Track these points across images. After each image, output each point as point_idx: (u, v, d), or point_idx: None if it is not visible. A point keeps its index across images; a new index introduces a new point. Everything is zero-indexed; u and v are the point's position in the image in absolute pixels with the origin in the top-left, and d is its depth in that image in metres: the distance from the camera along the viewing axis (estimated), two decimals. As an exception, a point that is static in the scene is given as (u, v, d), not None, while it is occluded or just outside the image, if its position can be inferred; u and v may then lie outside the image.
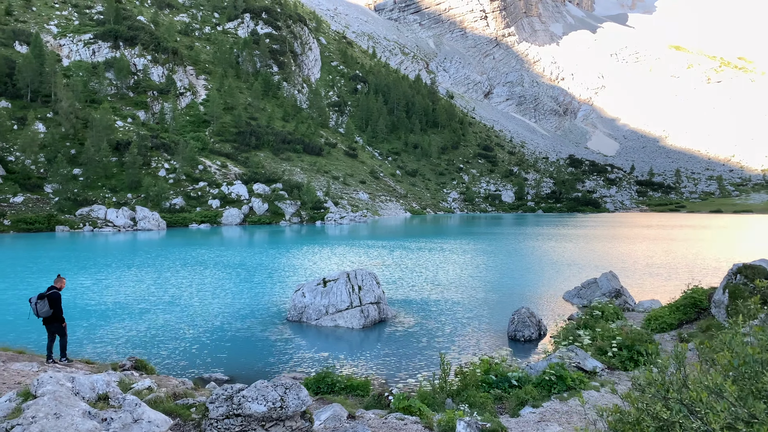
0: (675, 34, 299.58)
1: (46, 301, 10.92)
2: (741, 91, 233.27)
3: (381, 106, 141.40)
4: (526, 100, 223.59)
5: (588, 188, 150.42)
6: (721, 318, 11.33)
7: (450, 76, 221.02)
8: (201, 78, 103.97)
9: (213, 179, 75.07)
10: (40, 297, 10.93)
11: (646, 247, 46.44)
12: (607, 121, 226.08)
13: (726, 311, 10.99)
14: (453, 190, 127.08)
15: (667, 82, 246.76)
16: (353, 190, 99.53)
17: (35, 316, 11.08)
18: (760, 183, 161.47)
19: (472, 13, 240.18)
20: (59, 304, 11.11)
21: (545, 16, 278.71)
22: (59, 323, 11.13)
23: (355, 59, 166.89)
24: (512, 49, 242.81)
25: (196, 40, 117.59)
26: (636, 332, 10.56)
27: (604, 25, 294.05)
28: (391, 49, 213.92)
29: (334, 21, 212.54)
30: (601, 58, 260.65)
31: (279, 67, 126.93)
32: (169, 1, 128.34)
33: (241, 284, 25.87)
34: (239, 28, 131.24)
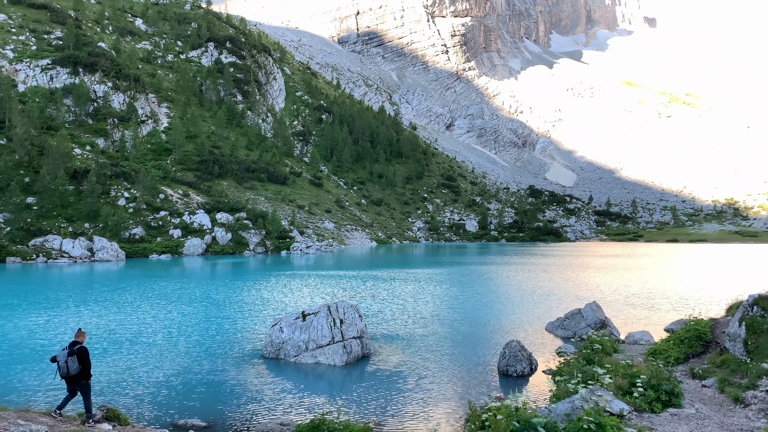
0: (627, 71, 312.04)
1: (75, 357, 10.01)
2: (689, 126, 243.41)
3: (346, 135, 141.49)
4: (486, 132, 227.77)
5: (548, 218, 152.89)
6: (738, 353, 10.88)
7: (413, 108, 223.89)
8: (163, 106, 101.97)
9: (174, 208, 72.86)
10: (70, 354, 10.04)
11: (619, 276, 46.73)
12: (565, 153, 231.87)
13: (744, 346, 10.57)
14: (418, 219, 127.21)
15: (620, 117, 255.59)
16: (319, 219, 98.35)
17: (62, 375, 10.09)
18: (711, 213, 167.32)
19: (433, 48, 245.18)
20: (88, 359, 10.22)
21: (504, 52, 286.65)
22: (86, 380, 10.20)
23: (319, 90, 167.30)
24: (473, 83, 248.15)
25: (159, 68, 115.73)
26: (655, 369, 9.97)
27: (560, 61, 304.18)
28: (354, 80, 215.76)
29: (299, 52, 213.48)
30: (558, 93, 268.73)
31: (243, 96, 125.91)
32: (131, 28, 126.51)
33: (208, 319, 24.44)
34: (203, 56, 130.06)
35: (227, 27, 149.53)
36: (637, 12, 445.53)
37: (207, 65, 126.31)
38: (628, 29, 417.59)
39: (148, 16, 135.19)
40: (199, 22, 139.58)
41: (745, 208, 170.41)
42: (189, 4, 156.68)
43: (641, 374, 9.67)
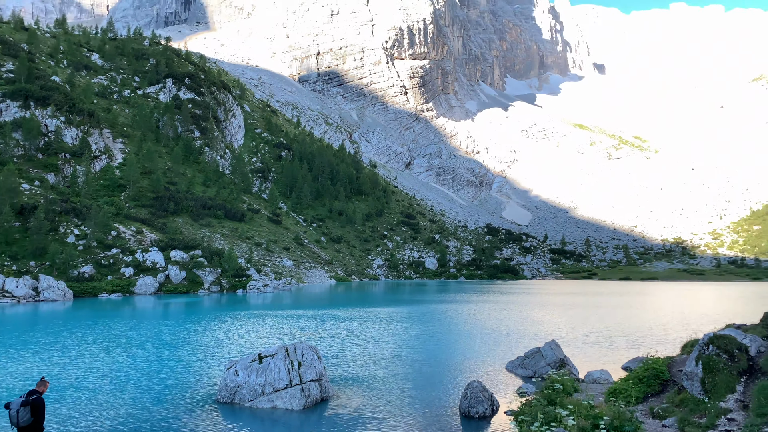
0: (578, 114, 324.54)
1: (29, 408, 9.27)
2: (638, 167, 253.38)
3: (305, 173, 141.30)
4: (444, 171, 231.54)
5: (506, 256, 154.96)
6: (695, 392, 10.98)
7: (373, 146, 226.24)
8: (118, 141, 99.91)
9: (127, 246, 70.63)
10: (23, 404, 9.28)
11: (576, 314, 47.33)
12: (520, 192, 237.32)
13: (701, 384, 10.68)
14: (378, 256, 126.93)
15: (573, 158, 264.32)
16: (277, 257, 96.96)
17: (12, 424, 9.32)
18: (660, 252, 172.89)
19: (393, 89, 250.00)
20: (42, 412, 9.48)
21: (461, 94, 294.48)
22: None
23: (279, 127, 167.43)
24: (431, 123, 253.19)
25: (115, 103, 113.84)
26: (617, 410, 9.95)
27: (514, 104, 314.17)
28: (315, 118, 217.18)
29: (259, 90, 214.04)
30: (513, 134, 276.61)
31: (201, 132, 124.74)
32: (87, 62, 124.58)
33: (160, 362, 23.40)
34: (161, 92, 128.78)
35: (186, 64, 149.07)
36: (587, 59, 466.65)
37: (165, 101, 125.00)
38: (579, 74, 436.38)
39: (104, 51, 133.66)
40: (158, 58, 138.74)
41: (693, 246, 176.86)
42: (147, 41, 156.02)
43: (604, 415, 9.63)
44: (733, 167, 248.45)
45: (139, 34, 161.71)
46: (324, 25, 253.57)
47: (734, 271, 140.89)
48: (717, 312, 49.03)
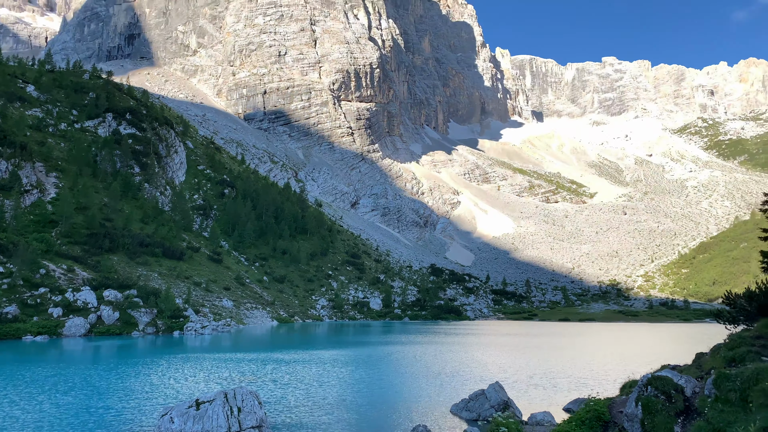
0: (518, 158, 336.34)
1: None
2: (575, 211, 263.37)
3: (249, 210, 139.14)
4: (390, 212, 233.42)
5: (449, 296, 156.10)
6: (636, 432, 11.19)
7: (319, 185, 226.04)
8: (51, 175, 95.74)
9: (56, 285, 66.93)
10: None
11: (519, 355, 47.83)
12: (463, 234, 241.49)
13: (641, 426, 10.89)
14: (322, 296, 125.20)
15: (513, 200, 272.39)
16: (216, 297, 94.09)
17: None
18: (597, 293, 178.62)
19: (339, 129, 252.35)
20: None
21: (406, 137, 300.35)
22: None
23: (223, 164, 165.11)
24: (377, 164, 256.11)
25: (50, 136, 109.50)
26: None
27: (457, 148, 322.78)
28: (260, 156, 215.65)
29: (203, 127, 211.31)
30: (456, 176, 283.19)
31: (141, 168, 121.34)
32: (22, 94, 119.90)
33: (88, 410, 21.95)
34: (100, 126, 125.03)
35: (128, 98, 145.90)
36: (526, 106, 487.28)
37: (104, 135, 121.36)
38: (519, 121, 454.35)
39: (41, 83, 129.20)
40: (98, 92, 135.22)
41: (627, 288, 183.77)
42: (88, 74, 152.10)
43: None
44: (662, 213, 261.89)
45: (78, 67, 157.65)
46: (272, 65, 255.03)
47: (665, 312, 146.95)
48: (652, 352, 50.75)
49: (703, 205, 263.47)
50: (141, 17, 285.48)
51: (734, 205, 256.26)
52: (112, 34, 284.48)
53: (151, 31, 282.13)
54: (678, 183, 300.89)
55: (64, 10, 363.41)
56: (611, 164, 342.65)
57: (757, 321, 15.32)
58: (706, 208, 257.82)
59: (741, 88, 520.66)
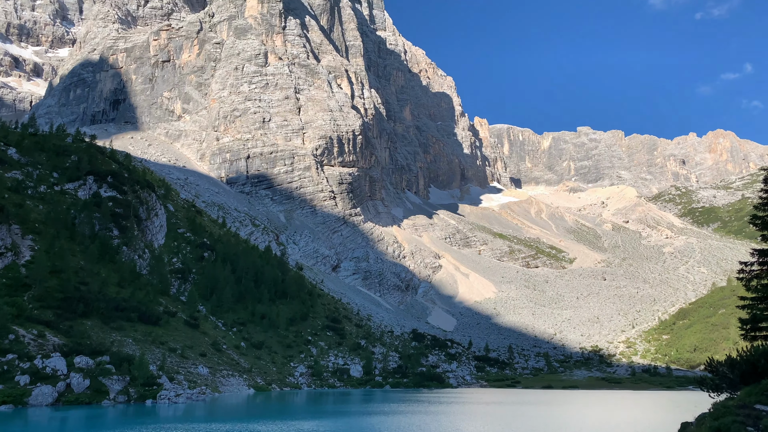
0: (498, 223, 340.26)
1: None
2: (555, 276, 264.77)
3: (228, 274, 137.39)
4: (371, 275, 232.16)
5: (432, 363, 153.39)
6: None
7: (300, 248, 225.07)
8: (27, 238, 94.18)
9: (25, 351, 64.51)
10: None
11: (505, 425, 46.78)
12: (445, 298, 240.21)
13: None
14: (301, 363, 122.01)
15: (494, 265, 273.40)
16: (192, 363, 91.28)
17: None
18: (579, 360, 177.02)
19: (322, 193, 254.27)
20: None
21: (388, 201, 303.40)
22: None
23: (203, 227, 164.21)
24: (358, 228, 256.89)
25: (29, 198, 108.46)
26: None
27: (438, 213, 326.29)
28: (241, 220, 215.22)
29: (184, 190, 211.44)
30: (437, 241, 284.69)
31: (120, 231, 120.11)
32: (2, 156, 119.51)
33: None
34: (80, 189, 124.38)
35: (110, 162, 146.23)
36: (504, 173, 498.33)
37: (84, 198, 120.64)
38: (498, 187, 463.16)
39: (23, 145, 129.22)
40: (80, 155, 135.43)
41: (609, 355, 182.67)
42: (71, 137, 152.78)
43: None
44: (640, 278, 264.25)
45: (62, 130, 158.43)
46: (256, 130, 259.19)
47: (648, 379, 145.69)
48: (638, 422, 49.98)
49: (680, 271, 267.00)
50: (127, 83, 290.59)
51: (710, 271, 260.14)
52: (97, 99, 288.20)
53: (136, 96, 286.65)
54: (655, 249, 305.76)
55: (51, 75, 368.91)
56: (589, 230, 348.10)
57: (740, 389, 15.28)
58: (684, 274, 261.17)
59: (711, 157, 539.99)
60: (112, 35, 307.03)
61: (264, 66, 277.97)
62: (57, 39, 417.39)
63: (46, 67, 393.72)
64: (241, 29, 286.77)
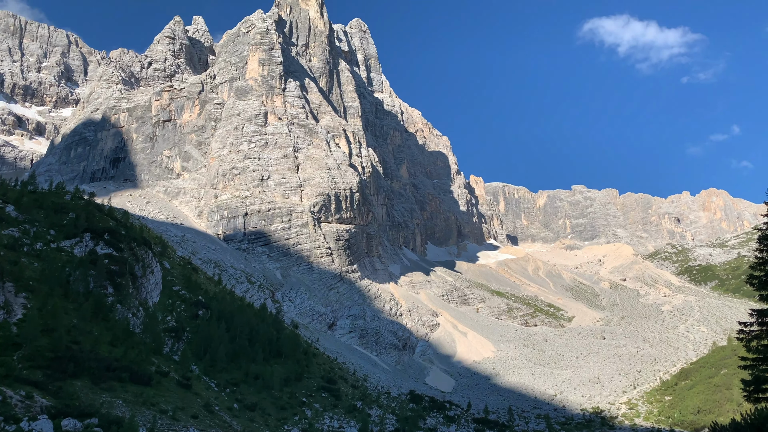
0: (495, 281, 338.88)
1: None
2: (554, 335, 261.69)
3: (223, 333, 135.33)
4: (368, 334, 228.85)
5: (430, 425, 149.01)
6: None
7: (296, 306, 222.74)
8: (21, 296, 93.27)
9: (12, 413, 62.71)
10: None
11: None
12: (443, 358, 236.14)
13: None
14: (295, 426, 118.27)
15: (492, 323, 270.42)
16: (183, 426, 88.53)
17: None
18: (581, 422, 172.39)
19: (318, 250, 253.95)
20: None
21: (385, 257, 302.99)
22: None
23: (199, 285, 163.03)
24: (355, 285, 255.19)
25: (24, 256, 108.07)
26: None
27: (436, 269, 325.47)
28: (237, 277, 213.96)
29: (181, 247, 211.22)
30: (435, 298, 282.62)
31: (115, 288, 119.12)
32: (0, 214, 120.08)
33: None
34: (76, 246, 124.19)
35: (108, 219, 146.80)
36: (501, 230, 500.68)
37: (80, 255, 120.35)
38: (495, 244, 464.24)
39: (21, 203, 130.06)
40: (78, 212, 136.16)
41: (611, 417, 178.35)
42: (69, 195, 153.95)
43: None
44: (640, 337, 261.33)
45: (61, 188, 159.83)
46: (254, 188, 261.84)
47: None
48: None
49: (680, 330, 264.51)
50: (128, 142, 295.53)
51: (710, 330, 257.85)
52: (97, 158, 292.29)
53: (136, 155, 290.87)
54: (653, 308, 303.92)
55: (53, 134, 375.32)
56: (587, 288, 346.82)
57: (744, 453, 14.97)
58: (684, 333, 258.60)
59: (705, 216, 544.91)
60: (115, 95, 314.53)
61: (264, 126, 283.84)
62: (61, 99, 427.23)
63: (48, 126, 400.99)
64: (242, 90, 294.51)
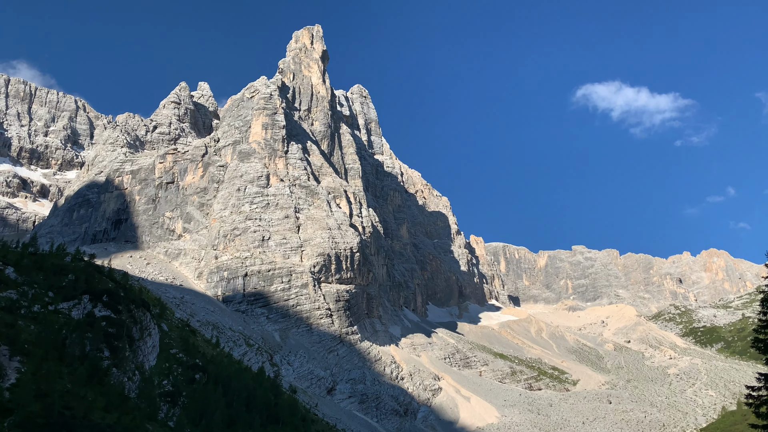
0: (498, 343, 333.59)
1: None
2: (559, 400, 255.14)
3: (219, 397, 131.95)
4: (368, 398, 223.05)
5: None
6: None
7: (294, 369, 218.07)
8: (15, 359, 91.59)
9: (-2, 484, 60.58)
10: None
11: None
12: (446, 424, 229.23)
13: None
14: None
15: (495, 387, 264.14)
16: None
17: None
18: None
19: (318, 311, 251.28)
20: None
21: (385, 319, 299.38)
22: None
23: (197, 348, 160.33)
24: (355, 347, 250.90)
25: (21, 318, 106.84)
26: None
27: (437, 331, 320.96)
28: (235, 339, 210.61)
29: (180, 309, 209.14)
30: (437, 361, 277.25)
31: (111, 351, 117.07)
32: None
33: None
34: (74, 309, 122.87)
35: (107, 280, 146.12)
36: (502, 291, 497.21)
37: (77, 317, 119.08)
38: (496, 305, 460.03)
39: (21, 264, 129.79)
40: (78, 273, 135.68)
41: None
42: (69, 256, 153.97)
43: None
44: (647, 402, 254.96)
45: (62, 249, 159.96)
46: (255, 249, 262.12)
47: None
48: None
49: (687, 393, 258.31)
50: (130, 203, 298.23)
51: (719, 394, 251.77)
52: (99, 219, 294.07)
53: (138, 216, 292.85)
54: (659, 370, 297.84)
55: (57, 196, 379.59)
56: (591, 350, 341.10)
57: None
58: (692, 397, 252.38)
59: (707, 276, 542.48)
60: (120, 158, 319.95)
61: (266, 187, 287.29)
62: (66, 162, 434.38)
63: (52, 188, 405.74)
64: (245, 153, 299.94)
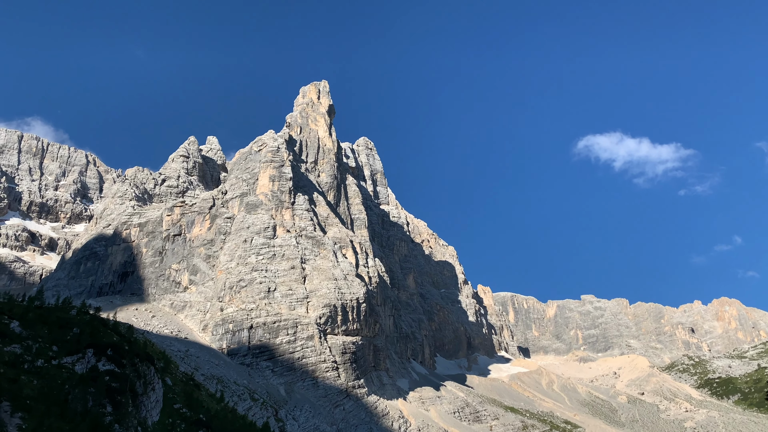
0: (508, 396, 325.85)
1: None
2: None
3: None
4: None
5: None
6: None
7: (300, 425, 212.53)
8: (16, 416, 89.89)
9: None
10: None
11: None
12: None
13: None
14: None
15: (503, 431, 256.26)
16: None
17: None
18: None
19: (324, 364, 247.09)
20: None
21: (393, 371, 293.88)
22: None
23: (200, 402, 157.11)
24: (362, 401, 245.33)
25: (24, 373, 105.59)
26: None
27: (446, 384, 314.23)
28: (240, 393, 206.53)
29: (184, 362, 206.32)
30: (446, 415, 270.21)
31: (114, 407, 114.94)
32: (4, 330, 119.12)
33: None
34: (78, 363, 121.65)
35: (112, 334, 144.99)
36: (512, 341, 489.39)
37: (81, 372, 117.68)
38: (506, 356, 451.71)
39: (27, 318, 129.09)
40: (83, 327, 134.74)
41: None
42: (75, 310, 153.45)
43: None
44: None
45: (68, 303, 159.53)
46: (260, 300, 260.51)
47: None
48: None
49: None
50: (137, 256, 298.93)
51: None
52: (106, 272, 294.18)
53: (145, 269, 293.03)
54: (676, 424, 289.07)
55: (64, 249, 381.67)
56: (604, 402, 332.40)
57: None
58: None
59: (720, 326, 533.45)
60: (128, 211, 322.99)
61: (272, 238, 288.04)
62: (75, 215, 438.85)
63: (60, 241, 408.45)
64: (253, 205, 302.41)
